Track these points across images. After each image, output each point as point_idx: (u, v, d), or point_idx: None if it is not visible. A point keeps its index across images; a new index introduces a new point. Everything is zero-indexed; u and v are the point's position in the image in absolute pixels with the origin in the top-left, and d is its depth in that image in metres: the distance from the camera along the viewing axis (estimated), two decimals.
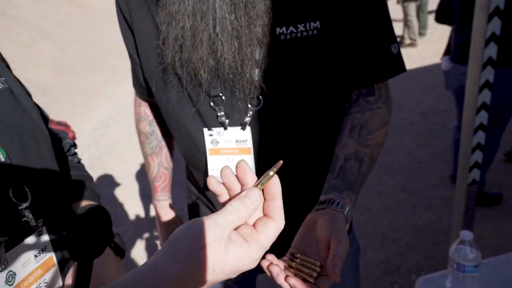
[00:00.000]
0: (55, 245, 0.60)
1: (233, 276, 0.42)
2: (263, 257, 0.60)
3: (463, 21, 2.23)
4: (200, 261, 0.39)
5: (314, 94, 0.77)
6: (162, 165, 1.06)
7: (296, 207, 0.82)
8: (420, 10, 7.34)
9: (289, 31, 0.71)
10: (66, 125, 4.05)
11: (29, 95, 0.71)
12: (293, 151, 0.81)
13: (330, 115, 0.82)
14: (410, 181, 3.04)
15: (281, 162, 0.45)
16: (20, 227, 0.54)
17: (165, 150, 1.07)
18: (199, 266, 0.39)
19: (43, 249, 0.57)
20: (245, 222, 0.45)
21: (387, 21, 0.77)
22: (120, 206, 3.30)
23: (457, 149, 1.60)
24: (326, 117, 0.81)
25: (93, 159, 4.25)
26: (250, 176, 0.45)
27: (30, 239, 0.55)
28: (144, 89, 0.95)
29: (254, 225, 0.45)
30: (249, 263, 0.42)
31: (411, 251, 2.30)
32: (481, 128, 1.46)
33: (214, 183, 0.45)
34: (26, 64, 6.43)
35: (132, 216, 3.14)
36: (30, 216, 0.55)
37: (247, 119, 0.76)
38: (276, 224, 0.44)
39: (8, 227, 0.52)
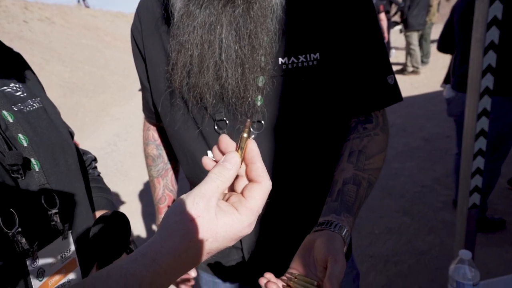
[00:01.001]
0: (79, 249, 0.65)
1: (231, 244, 0.43)
2: (262, 275, 0.63)
3: (464, 51, 2.31)
4: (193, 233, 0.40)
5: (314, 121, 0.80)
6: (167, 187, 1.09)
7: (295, 228, 0.85)
8: (423, 39, 7.49)
9: (290, 61, 0.75)
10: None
11: (58, 113, 0.78)
12: (293, 174, 0.83)
13: (330, 141, 0.85)
14: (413, 204, 3.06)
15: (248, 120, 0.47)
16: (50, 230, 0.59)
17: (170, 173, 1.10)
18: (192, 237, 0.40)
19: (67, 251, 0.62)
20: (234, 191, 0.47)
21: (384, 54, 0.82)
22: None
23: (459, 175, 1.65)
24: (326, 143, 0.84)
25: None
26: (232, 146, 0.47)
27: (58, 242, 0.60)
28: (153, 113, 0.99)
29: (242, 193, 0.46)
30: (242, 229, 0.43)
31: (414, 274, 2.30)
32: (480, 153, 1.50)
33: (209, 162, 0.48)
34: None
35: (136, 232, 3.16)
36: (58, 220, 0.61)
37: None
38: (261, 186, 0.45)
39: (40, 230, 0.58)
